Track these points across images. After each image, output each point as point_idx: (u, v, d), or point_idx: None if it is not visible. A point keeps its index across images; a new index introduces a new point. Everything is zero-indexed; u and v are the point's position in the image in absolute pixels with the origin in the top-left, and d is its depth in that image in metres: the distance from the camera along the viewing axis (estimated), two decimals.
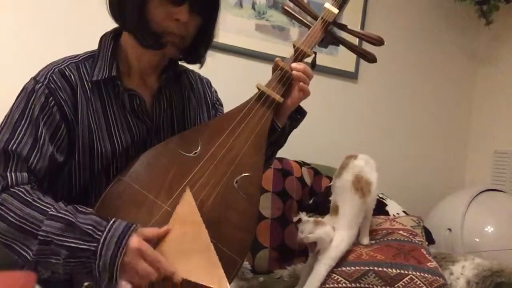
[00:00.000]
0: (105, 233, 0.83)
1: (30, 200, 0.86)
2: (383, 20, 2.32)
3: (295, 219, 1.36)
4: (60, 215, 0.85)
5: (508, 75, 2.44)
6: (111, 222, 0.85)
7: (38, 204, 0.86)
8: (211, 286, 0.84)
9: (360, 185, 1.34)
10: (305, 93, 1.09)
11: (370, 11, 2.28)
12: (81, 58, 1.02)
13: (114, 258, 0.81)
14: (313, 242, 1.29)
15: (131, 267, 0.82)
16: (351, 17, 2.22)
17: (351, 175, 1.36)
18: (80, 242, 0.83)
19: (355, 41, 1.17)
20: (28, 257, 0.84)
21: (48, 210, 0.85)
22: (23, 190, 0.87)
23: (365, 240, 1.43)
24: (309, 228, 1.28)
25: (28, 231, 0.84)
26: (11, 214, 0.84)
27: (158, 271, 0.83)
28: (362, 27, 2.24)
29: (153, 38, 0.95)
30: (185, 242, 0.88)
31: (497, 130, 2.46)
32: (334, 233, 1.32)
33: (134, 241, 0.83)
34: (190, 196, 0.93)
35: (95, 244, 0.82)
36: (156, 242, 0.88)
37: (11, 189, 0.87)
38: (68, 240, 0.83)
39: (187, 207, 0.91)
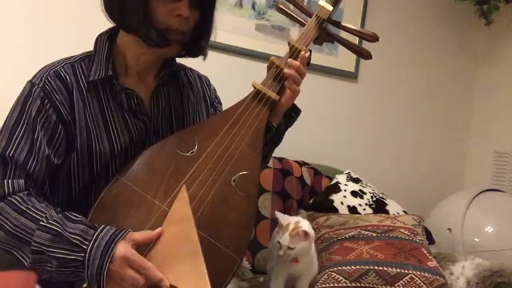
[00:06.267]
0: (91, 243, 0.84)
1: (25, 208, 0.87)
2: (383, 20, 2.32)
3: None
4: (49, 225, 0.85)
5: (508, 75, 2.43)
6: (98, 230, 0.85)
7: (31, 213, 0.87)
8: None
9: None
10: (294, 92, 1.08)
11: (370, 10, 2.28)
12: (77, 58, 1.02)
13: (100, 268, 0.82)
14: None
15: (118, 276, 0.83)
16: (351, 17, 2.22)
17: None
18: (68, 252, 0.84)
19: (354, 40, 1.17)
20: (26, 264, 0.86)
21: (40, 218, 0.86)
22: (18, 199, 0.88)
23: None
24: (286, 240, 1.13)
25: (24, 240, 0.85)
26: (8, 223, 0.86)
27: (145, 277, 0.83)
28: (362, 26, 2.24)
29: (158, 36, 0.95)
30: (177, 244, 0.87)
31: (497, 130, 2.46)
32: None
33: (121, 249, 0.83)
34: (185, 194, 0.92)
35: (82, 254, 0.83)
36: (148, 245, 0.87)
37: (9, 198, 0.88)
38: (56, 251, 0.84)
39: (181, 205, 0.90)
